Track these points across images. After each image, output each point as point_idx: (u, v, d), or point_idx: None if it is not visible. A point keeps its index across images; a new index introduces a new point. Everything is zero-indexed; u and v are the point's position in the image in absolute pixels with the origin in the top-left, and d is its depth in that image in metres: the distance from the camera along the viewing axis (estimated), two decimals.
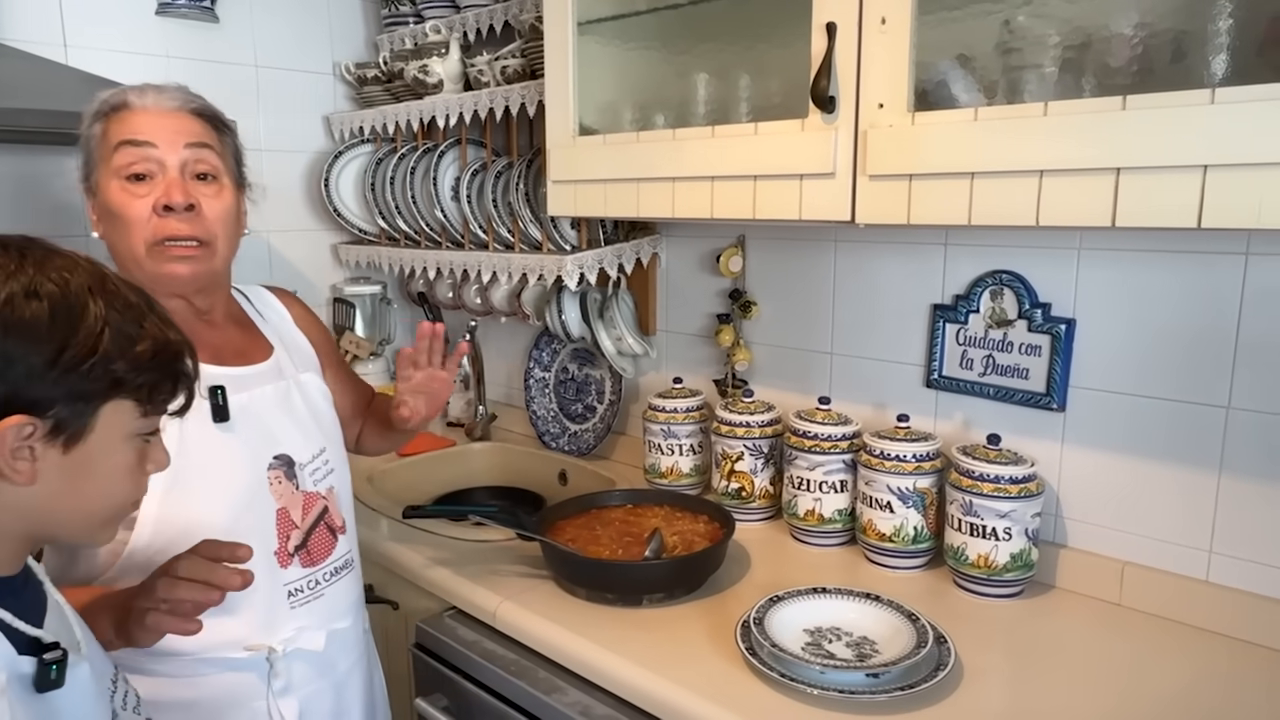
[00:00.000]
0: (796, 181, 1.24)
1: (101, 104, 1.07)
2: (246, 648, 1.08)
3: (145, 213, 1.04)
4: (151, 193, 1.04)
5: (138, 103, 1.06)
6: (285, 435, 1.14)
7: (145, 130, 1.04)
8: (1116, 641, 1.22)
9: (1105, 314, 1.31)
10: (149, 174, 1.05)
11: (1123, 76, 1.05)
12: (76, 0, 1.93)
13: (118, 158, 1.04)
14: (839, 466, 1.50)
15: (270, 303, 1.31)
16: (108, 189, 1.05)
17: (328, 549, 1.18)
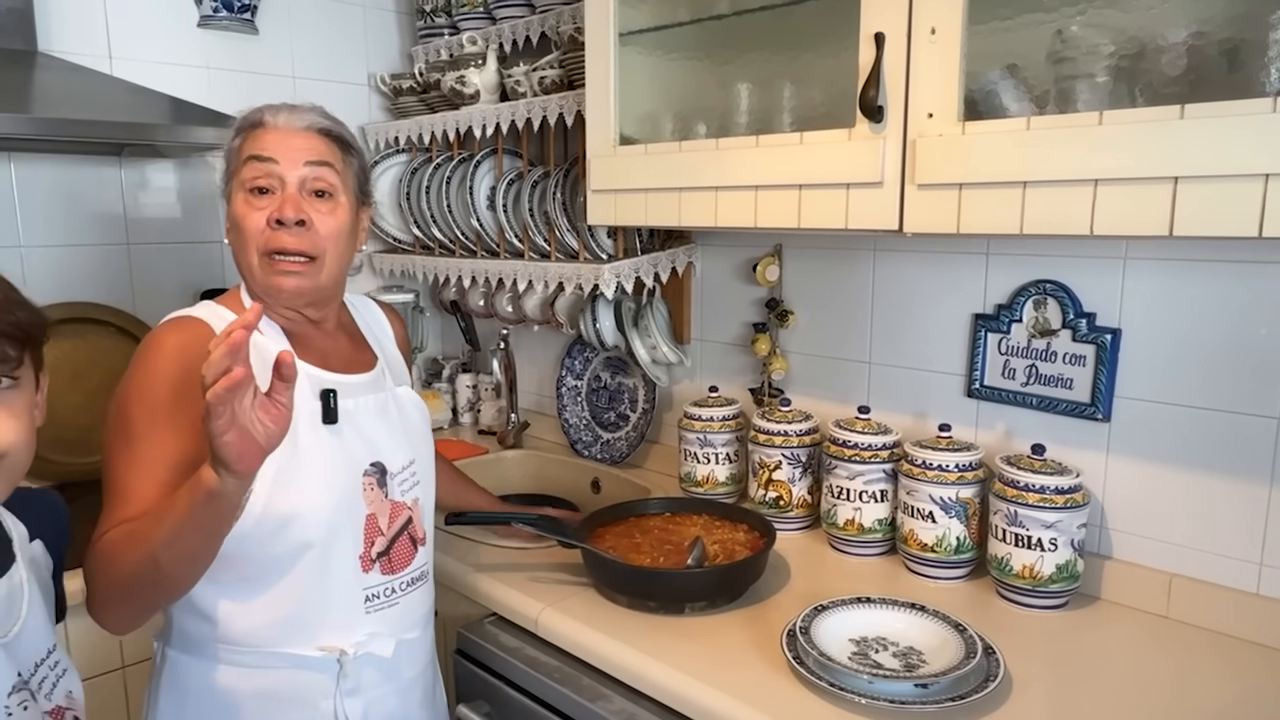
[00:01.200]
0: (843, 191, 1.24)
1: (242, 120, 1.14)
2: (320, 648, 1.11)
3: (261, 224, 1.09)
4: (270, 206, 1.09)
5: (271, 121, 1.11)
6: (381, 444, 1.18)
7: (271, 147, 1.09)
8: (1164, 655, 1.20)
9: (1152, 324, 1.30)
10: (270, 189, 1.09)
11: (1178, 85, 1.05)
12: (122, 13, 1.97)
13: (245, 171, 1.10)
14: (879, 476, 1.50)
15: (377, 316, 1.36)
16: (235, 200, 1.11)
17: (407, 559, 1.21)
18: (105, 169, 2.01)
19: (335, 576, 1.12)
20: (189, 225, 2.13)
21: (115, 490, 1.03)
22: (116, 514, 1.01)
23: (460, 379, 2.46)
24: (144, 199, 2.07)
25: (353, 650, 1.13)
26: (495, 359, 2.22)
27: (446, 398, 2.45)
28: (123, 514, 1.00)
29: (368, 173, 1.23)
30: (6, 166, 1.88)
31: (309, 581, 1.10)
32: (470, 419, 2.45)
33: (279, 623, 1.10)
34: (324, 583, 1.11)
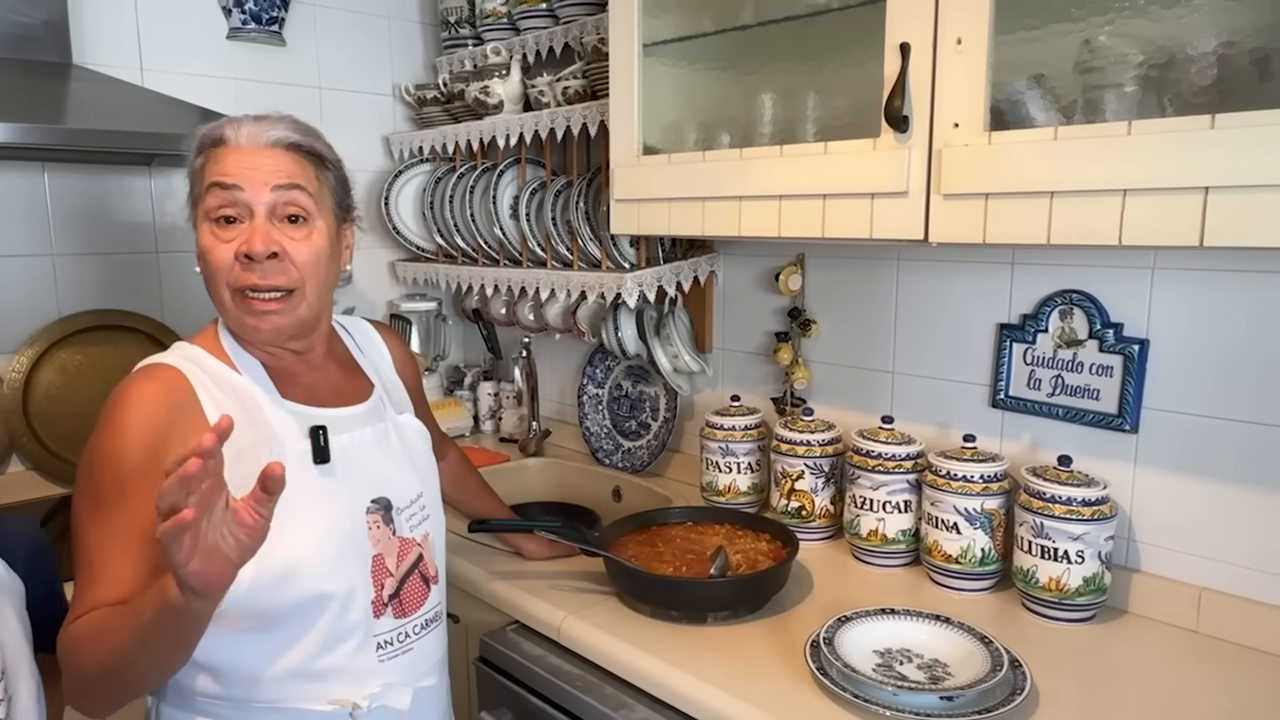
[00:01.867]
0: (868, 200, 1.24)
1: (201, 138, 1.03)
2: (331, 701, 1.03)
3: (229, 259, 0.99)
4: (237, 238, 0.99)
5: (233, 138, 1.01)
6: (385, 478, 1.10)
7: (234, 172, 0.99)
8: (1194, 669, 1.19)
9: (1181, 334, 1.29)
10: (237, 217, 1.00)
11: (1208, 95, 1.04)
12: (153, 26, 2.00)
13: (209, 199, 1.00)
14: (903, 486, 1.49)
15: (372, 339, 1.27)
16: (200, 229, 1.02)
17: (420, 599, 1.13)
18: (135, 178, 2.04)
19: (344, 625, 1.03)
20: None
21: (85, 566, 0.94)
22: (88, 596, 0.93)
23: (482, 387, 2.47)
24: (172, 208, 2.10)
25: (366, 703, 1.05)
26: (517, 367, 2.23)
27: (468, 405, 2.46)
28: (94, 596, 0.92)
29: (347, 184, 1.12)
30: (40, 176, 1.91)
31: (316, 632, 1.02)
32: (491, 427, 2.46)
33: (286, 677, 1.01)
34: (333, 632, 1.03)
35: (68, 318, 1.96)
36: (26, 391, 1.91)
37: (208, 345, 1.06)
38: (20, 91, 1.66)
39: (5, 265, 1.89)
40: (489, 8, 2.14)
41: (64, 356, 1.96)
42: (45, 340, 1.93)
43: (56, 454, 1.95)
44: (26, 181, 1.90)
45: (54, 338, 1.94)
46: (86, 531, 0.95)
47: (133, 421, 0.95)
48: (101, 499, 0.94)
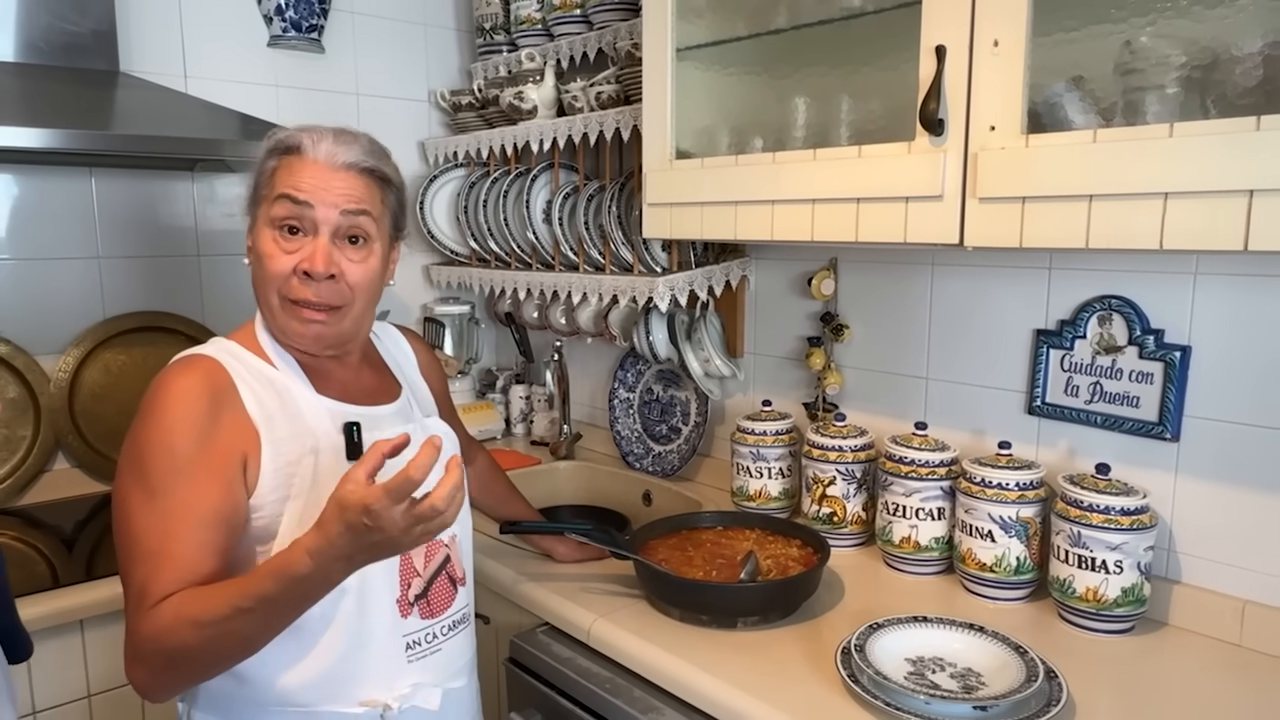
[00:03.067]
0: (902, 204, 1.23)
1: (278, 142, 1.05)
2: (361, 703, 1.04)
3: (286, 269, 1.02)
4: (299, 251, 1.02)
5: (310, 152, 1.03)
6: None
7: (307, 188, 1.01)
8: (1237, 684, 1.16)
9: (1224, 341, 1.26)
10: (302, 230, 1.03)
11: (1253, 96, 1.02)
12: (197, 35, 2.05)
13: (277, 208, 1.02)
14: (937, 493, 1.47)
15: (399, 343, 1.31)
16: (261, 232, 1.04)
17: (448, 600, 1.14)
18: (178, 183, 2.08)
19: (373, 624, 1.05)
20: None
21: (143, 552, 0.94)
22: (156, 580, 0.93)
23: (514, 390, 2.49)
24: (214, 212, 2.14)
25: (397, 704, 1.05)
26: (549, 370, 2.24)
27: (500, 408, 2.48)
28: (165, 578, 0.93)
29: (404, 205, 1.15)
30: (88, 181, 1.97)
31: (346, 632, 1.03)
32: (523, 430, 2.48)
33: (317, 679, 1.02)
34: (362, 632, 1.04)
35: (112, 319, 2.01)
36: (72, 390, 1.96)
37: (245, 341, 1.08)
38: (70, 98, 1.71)
39: (53, 267, 1.94)
40: (524, 14, 2.16)
41: (108, 357, 2.01)
42: (91, 341, 1.98)
43: (100, 452, 1.99)
44: (74, 186, 1.95)
45: (99, 338, 1.99)
46: (140, 518, 0.95)
47: (179, 411, 0.97)
48: (155, 486, 0.95)
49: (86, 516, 1.88)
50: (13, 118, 1.52)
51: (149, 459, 0.96)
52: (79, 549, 1.71)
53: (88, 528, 1.82)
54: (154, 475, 0.95)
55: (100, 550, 1.71)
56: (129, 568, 0.95)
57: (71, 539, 1.76)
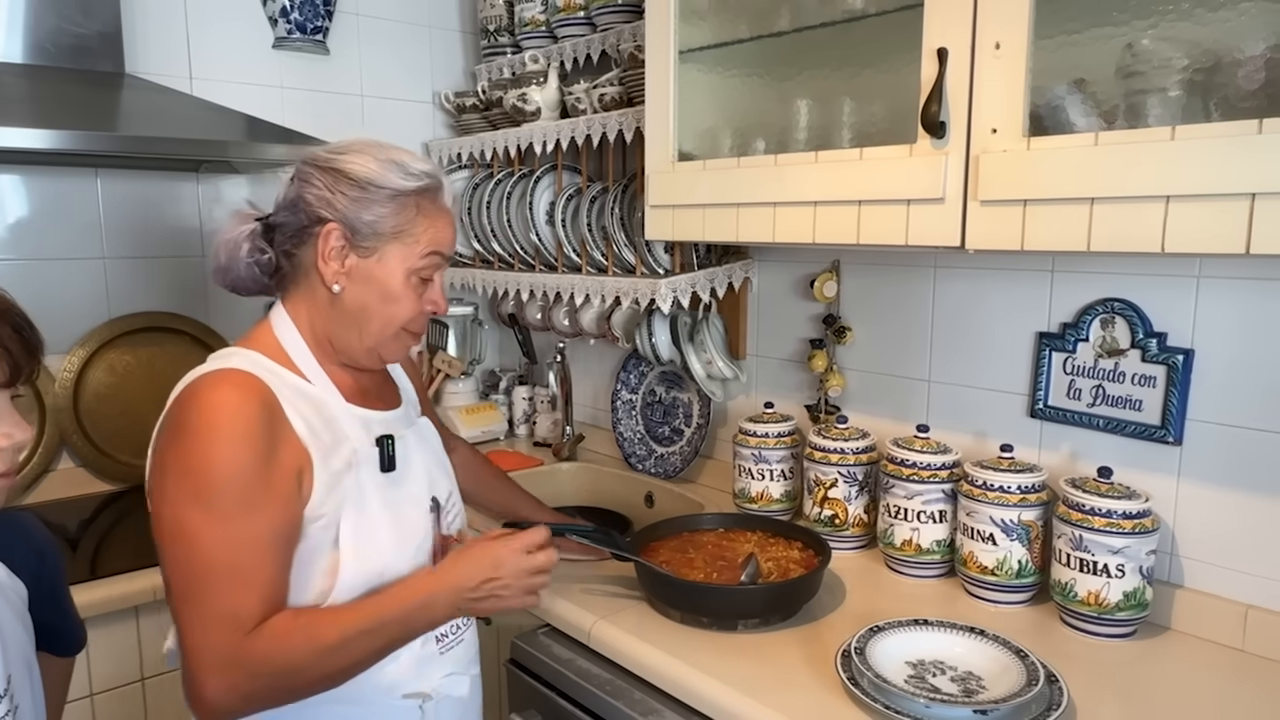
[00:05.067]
0: (903, 207, 1.23)
1: (425, 180, 1.07)
2: (405, 695, 1.08)
3: (419, 310, 1.10)
4: (427, 295, 1.10)
5: (446, 202, 1.11)
6: (431, 479, 1.16)
7: (449, 244, 1.11)
8: (1240, 689, 1.16)
9: (1227, 344, 1.26)
10: (431, 278, 1.11)
11: (1255, 100, 1.01)
12: (203, 37, 2.06)
13: (424, 261, 1.07)
14: (938, 496, 1.47)
15: None
16: (394, 272, 1.06)
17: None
18: (183, 184, 2.09)
19: None
20: None
21: (224, 573, 0.94)
22: (249, 600, 0.94)
23: (517, 391, 2.49)
24: (219, 213, 2.15)
25: (434, 694, 1.11)
26: (552, 372, 2.25)
27: (503, 409, 2.48)
28: (254, 600, 0.94)
29: None
30: (93, 181, 1.98)
31: None
32: (526, 431, 2.48)
33: (363, 675, 1.03)
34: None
35: (117, 319, 2.02)
36: (77, 390, 1.97)
37: (272, 354, 1.05)
38: (76, 100, 1.72)
39: (59, 268, 1.95)
40: (528, 16, 2.17)
41: (113, 357, 2.02)
42: (96, 341, 1.99)
43: (104, 451, 2.00)
44: (80, 187, 1.96)
45: (104, 339, 2.00)
46: (211, 541, 0.93)
47: (239, 432, 0.95)
48: (225, 510, 0.94)
49: (91, 516, 1.89)
50: (20, 119, 1.52)
51: (214, 482, 0.94)
52: (83, 548, 1.72)
53: (92, 527, 1.83)
54: (223, 499, 0.94)
55: (104, 550, 1.71)
56: (202, 590, 0.94)
57: (76, 538, 1.77)
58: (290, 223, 1.06)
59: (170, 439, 0.97)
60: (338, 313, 1.07)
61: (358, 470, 1.05)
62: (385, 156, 1.06)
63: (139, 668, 1.57)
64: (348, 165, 1.05)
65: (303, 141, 1.88)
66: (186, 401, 0.98)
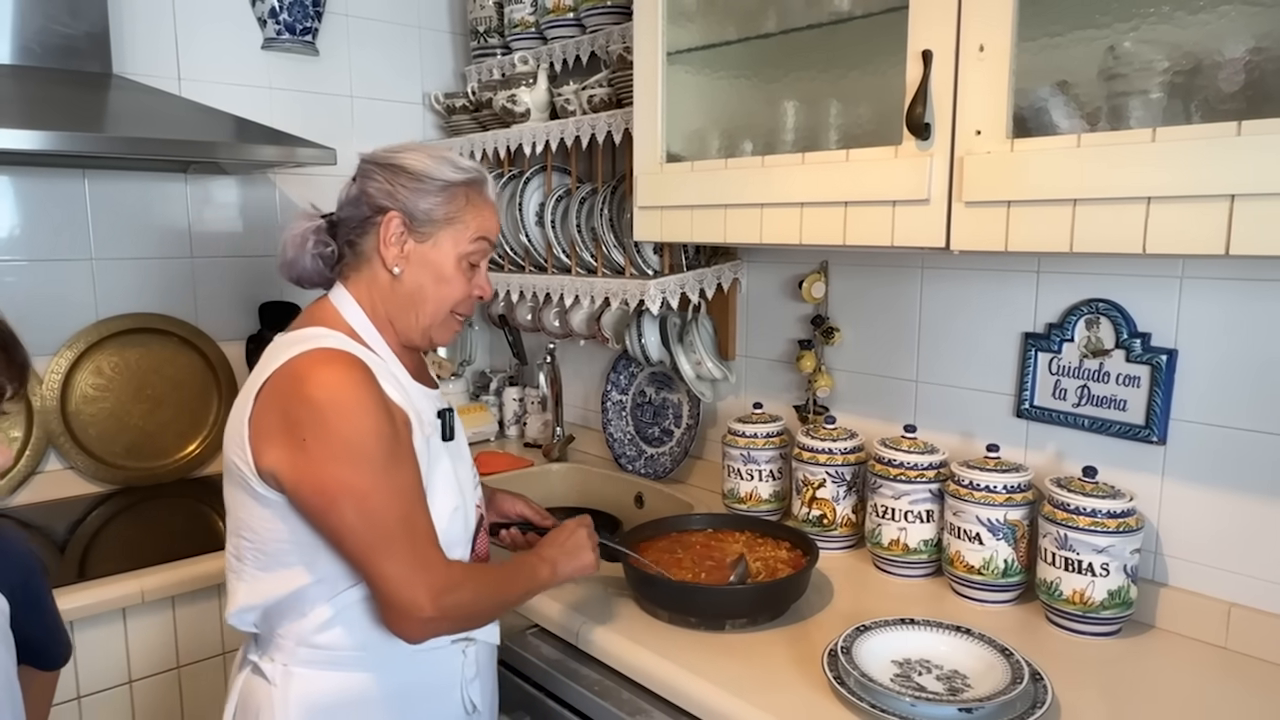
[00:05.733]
0: (889, 208, 1.24)
1: (473, 174, 1.18)
2: (454, 640, 1.19)
3: (467, 293, 1.20)
4: (474, 280, 1.20)
5: (491, 196, 1.21)
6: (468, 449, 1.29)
7: (495, 232, 1.21)
8: (1223, 686, 1.17)
9: (1210, 345, 1.27)
10: (478, 264, 1.20)
11: (1235, 102, 1.02)
12: (191, 37, 2.06)
13: (473, 246, 1.17)
14: (925, 496, 1.48)
15: None
16: (447, 256, 1.16)
17: (486, 546, 1.31)
18: (171, 185, 2.09)
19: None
20: (250, 240, 2.21)
21: (396, 528, 1.05)
22: (426, 549, 1.07)
23: (507, 392, 2.49)
24: (208, 214, 2.15)
25: (477, 638, 1.22)
26: (542, 373, 2.25)
27: (493, 410, 2.48)
28: (428, 548, 1.08)
29: None
30: (81, 183, 1.97)
31: None
32: (516, 432, 2.48)
33: None
34: None
35: (105, 320, 2.01)
36: (65, 392, 1.96)
37: (347, 333, 1.15)
38: (63, 100, 1.72)
39: (46, 269, 1.94)
40: (517, 17, 2.17)
41: (101, 358, 2.01)
42: (83, 342, 1.98)
43: (92, 453, 2.00)
44: (67, 188, 1.95)
45: (92, 340, 1.99)
46: (381, 495, 1.04)
47: (367, 398, 1.06)
48: (382, 467, 1.05)
49: (79, 518, 1.88)
50: (6, 120, 1.52)
51: (364, 445, 1.04)
52: (71, 550, 1.71)
53: (79, 529, 1.82)
54: (376, 459, 1.04)
55: (92, 552, 1.71)
56: (390, 538, 1.05)
57: (64, 541, 1.76)
58: (354, 215, 1.16)
59: (297, 418, 1.04)
60: (397, 295, 1.17)
61: (434, 436, 1.17)
62: (437, 154, 1.17)
63: (126, 670, 1.57)
64: (405, 161, 1.15)
65: (292, 143, 1.88)
66: (300, 381, 1.05)
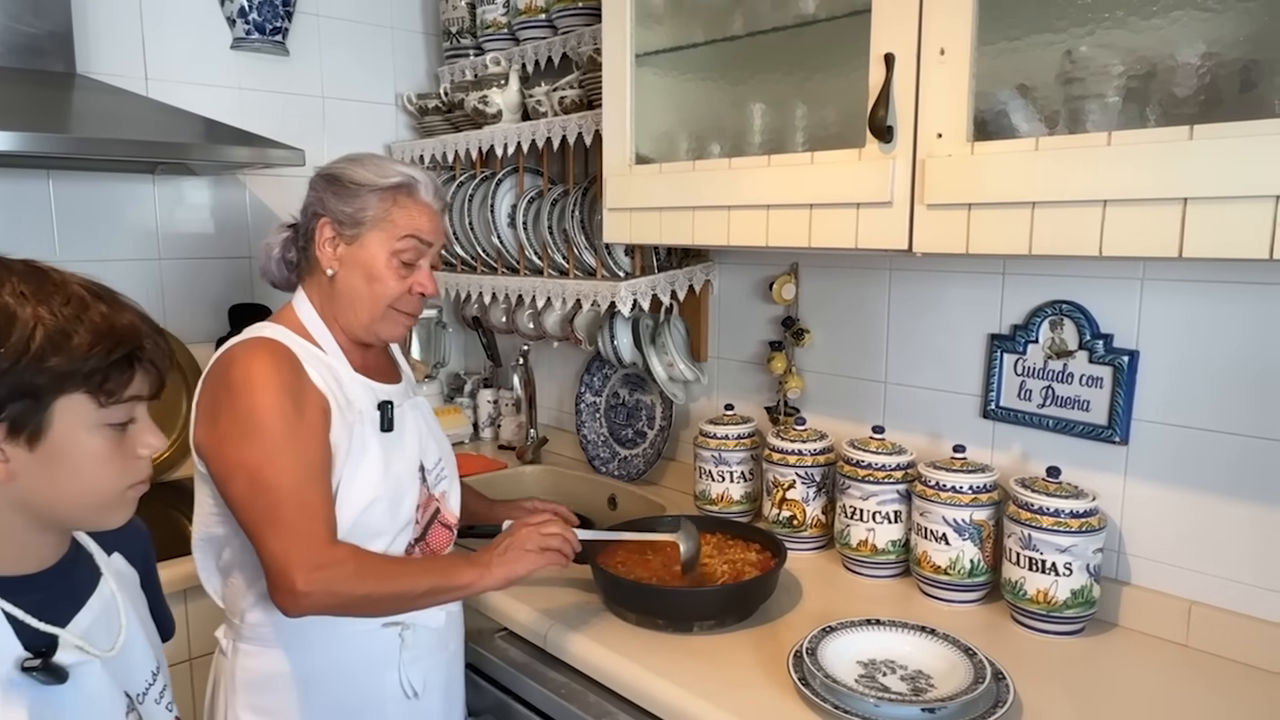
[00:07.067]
0: (853, 210, 1.24)
1: (402, 178, 1.23)
2: (384, 624, 1.24)
3: (403, 289, 1.24)
4: (410, 277, 1.24)
5: (424, 197, 1.25)
6: (421, 444, 1.31)
7: (428, 231, 1.25)
8: (1183, 683, 1.18)
9: (1171, 346, 1.28)
10: (414, 262, 1.25)
11: (1189, 106, 1.04)
12: (158, 36, 2.03)
13: (401, 244, 1.22)
14: (893, 497, 1.48)
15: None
16: (376, 256, 1.22)
17: (445, 542, 1.35)
18: (139, 186, 2.06)
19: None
20: (220, 241, 2.19)
21: (285, 503, 1.09)
22: (316, 526, 1.11)
23: (481, 394, 2.48)
24: (177, 215, 2.12)
25: (411, 623, 1.25)
26: (516, 375, 2.24)
27: (468, 413, 2.47)
28: (321, 526, 1.11)
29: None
30: (45, 183, 1.94)
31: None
32: (491, 434, 2.47)
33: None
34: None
35: None
36: None
37: (294, 329, 1.23)
38: (25, 101, 1.69)
39: None
40: (490, 18, 2.16)
41: None
42: None
43: None
44: (31, 189, 1.93)
45: None
46: (272, 471, 1.10)
47: (274, 380, 1.13)
48: (278, 444, 1.11)
49: None
50: None
51: (262, 423, 1.11)
52: None
53: None
54: (273, 436, 1.11)
55: None
56: (275, 511, 1.09)
57: None
58: (302, 223, 1.27)
59: (217, 397, 1.15)
60: (336, 294, 1.24)
61: (362, 426, 1.21)
62: (373, 163, 1.24)
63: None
64: (338, 170, 1.24)
65: (262, 144, 1.87)
66: (226, 365, 1.16)
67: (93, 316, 0.77)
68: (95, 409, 0.78)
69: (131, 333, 0.80)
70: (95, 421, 0.78)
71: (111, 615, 0.87)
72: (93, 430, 0.78)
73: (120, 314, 0.80)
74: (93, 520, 0.84)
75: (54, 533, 0.84)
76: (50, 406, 0.75)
